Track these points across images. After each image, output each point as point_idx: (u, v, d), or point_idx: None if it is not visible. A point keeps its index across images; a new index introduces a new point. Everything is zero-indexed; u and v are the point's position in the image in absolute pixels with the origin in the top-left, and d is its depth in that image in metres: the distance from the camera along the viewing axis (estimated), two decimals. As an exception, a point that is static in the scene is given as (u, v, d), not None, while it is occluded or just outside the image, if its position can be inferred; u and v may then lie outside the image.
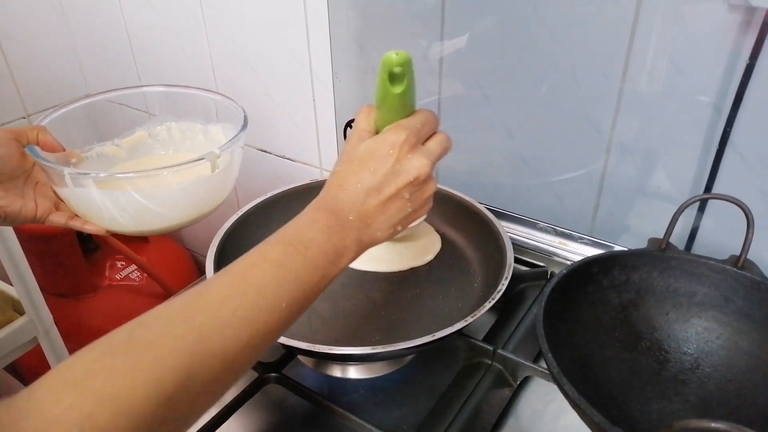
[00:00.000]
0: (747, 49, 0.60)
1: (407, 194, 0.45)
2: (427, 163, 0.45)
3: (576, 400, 0.44)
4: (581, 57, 0.71)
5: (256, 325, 0.37)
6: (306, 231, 0.42)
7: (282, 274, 0.39)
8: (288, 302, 0.39)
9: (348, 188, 0.44)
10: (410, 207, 0.46)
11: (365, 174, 0.44)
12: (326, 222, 0.43)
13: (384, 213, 0.45)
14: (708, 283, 0.58)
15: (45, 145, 0.56)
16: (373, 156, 0.45)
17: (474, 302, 0.66)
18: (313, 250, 0.41)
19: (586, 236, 0.78)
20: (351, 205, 0.44)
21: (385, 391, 0.64)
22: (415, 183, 0.45)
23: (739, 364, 0.55)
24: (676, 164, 0.71)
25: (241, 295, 0.37)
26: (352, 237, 0.44)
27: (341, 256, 0.43)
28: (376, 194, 0.44)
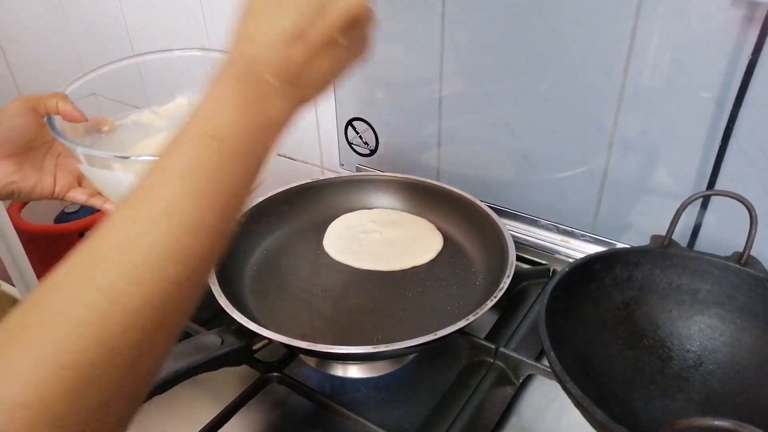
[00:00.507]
0: (749, 44, 0.60)
1: (343, 39, 0.35)
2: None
3: (579, 398, 0.43)
4: (583, 53, 0.70)
5: (180, 256, 0.31)
6: (213, 115, 0.34)
7: (195, 185, 0.32)
8: (215, 213, 0.33)
9: (259, 39, 0.34)
10: (346, 55, 0.36)
11: (280, 15, 0.34)
12: (237, 94, 0.34)
13: (314, 65, 0.35)
14: (711, 280, 0.58)
15: (66, 114, 0.50)
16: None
17: (476, 300, 0.66)
18: (229, 139, 0.33)
19: (589, 234, 0.78)
20: (267, 63, 0.34)
21: (387, 390, 0.64)
22: (351, 21, 0.34)
23: (742, 361, 0.55)
24: (678, 161, 0.70)
25: (148, 229, 0.31)
26: (277, 107, 0.35)
27: (269, 132, 0.35)
28: (299, 43, 0.34)
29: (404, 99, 0.88)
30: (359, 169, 0.96)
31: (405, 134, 0.91)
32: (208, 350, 0.56)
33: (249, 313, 0.64)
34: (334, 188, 0.84)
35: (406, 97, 0.88)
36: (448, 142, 0.87)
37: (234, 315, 0.58)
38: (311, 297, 0.70)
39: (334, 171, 1.02)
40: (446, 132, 0.87)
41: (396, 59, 0.86)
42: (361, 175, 0.86)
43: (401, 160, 0.93)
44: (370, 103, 0.91)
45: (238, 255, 0.72)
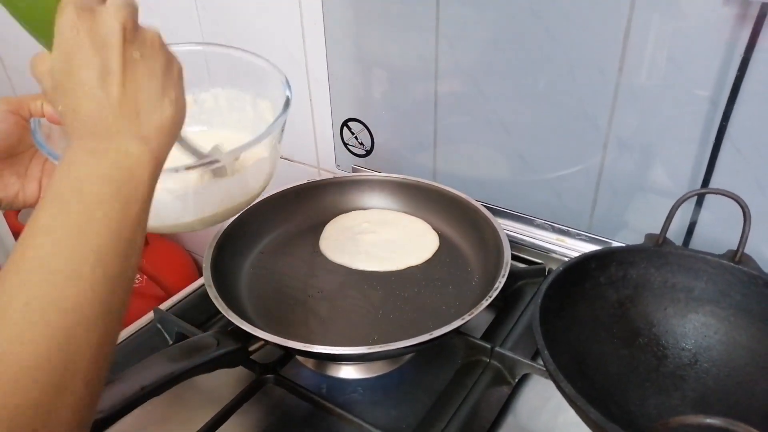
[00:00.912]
0: (742, 42, 0.60)
1: (136, 53, 0.37)
2: (120, 8, 0.37)
3: (572, 396, 0.43)
4: (577, 52, 0.70)
5: (63, 306, 0.30)
6: (69, 172, 0.34)
7: (62, 236, 0.32)
8: (93, 261, 0.32)
9: (80, 100, 0.36)
10: (157, 66, 0.38)
11: (77, 72, 0.36)
12: (86, 148, 0.35)
13: (137, 89, 0.37)
14: (705, 278, 0.58)
15: (51, 117, 0.47)
16: (66, 48, 0.36)
17: (472, 300, 0.66)
18: (87, 186, 0.34)
19: (584, 232, 0.78)
20: (99, 111, 0.36)
21: (383, 391, 0.64)
22: (128, 36, 0.37)
23: (737, 358, 0.55)
24: (673, 159, 0.70)
25: (26, 285, 0.30)
26: (129, 138, 0.36)
27: (132, 166, 0.35)
28: (109, 77, 0.36)
29: (399, 99, 0.88)
30: (355, 169, 0.96)
31: (400, 134, 0.91)
32: (204, 352, 0.56)
33: (245, 314, 0.64)
34: (329, 189, 0.84)
35: (402, 97, 0.88)
36: (443, 142, 0.87)
37: (229, 317, 0.58)
38: (307, 298, 0.70)
39: (330, 172, 1.02)
40: (442, 132, 0.87)
41: (391, 59, 0.86)
42: (356, 176, 0.86)
43: (397, 160, 0.93)
44: (365, 104, 0.91)
45: (234, 256, 0.72)
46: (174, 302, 0.74)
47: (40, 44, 0.39)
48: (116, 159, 0.35)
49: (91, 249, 0.32)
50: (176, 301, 0.74)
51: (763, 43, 0.59)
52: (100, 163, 0.34)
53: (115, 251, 0.33)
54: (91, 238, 0.32)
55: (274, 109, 0.56)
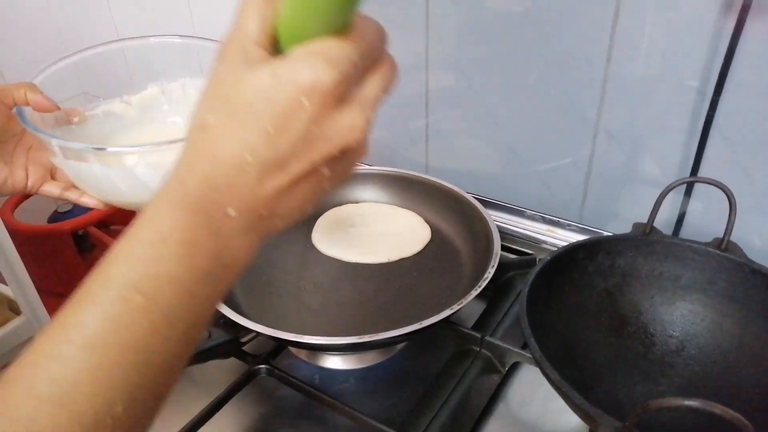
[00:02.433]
0: (728, 31, 0.60)
1: (327, 170, 0.28)
2: (361, 125, 0.27)
3: (557, 382, 0.44)
4: (566, 44, 0.71)
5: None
6: (149, 262, 0.26)
7: (104, 364, 0.25)
8: (128, 402, 0.25)
9: (228, 161, 0.27)
10: (329, 184, 0.30)
11: (258, 137, 0.26)
12: (186, 234, 0.27)
13: (290, 198, 0.28)
14: (692, 266, 0.58)
15: (36, 104, 0.47)
16: (272, 105, 0.26)
17: (462, 291, 0.66)
18: (162, 299, 0.26)
19: (575, 223, 0.78)
20: (233, 193, 0.27)
21: (375, 381, 0.64)
22: (340, 154, 0.28)
23: (723, 345, 0.55)
24: (662, 149, 0.71)
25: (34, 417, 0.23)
26: (236, 245, 0.28)
27: (220, 281, 0.28)
28: (277, 172, 0.27)
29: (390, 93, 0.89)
30: (348, 163, 0.97)
31: (392, 129, 0.91)
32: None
33: (237, 306, 0.64)
34: (322, 183, 0.84)
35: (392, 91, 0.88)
36: (435, 136, 0.88)
37: (222, 309, 0.58)
38: (300, 291, 0.70)
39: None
40: (433, 126, 0.87)
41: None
42: (349, 170, 0.86)
43: (389, 154, 0.93)
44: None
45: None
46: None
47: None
48: (210, 269, 0.28)
49: (129, 389, 0.25)
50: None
51: (748, 33, 0.59)
52: (192, 268, 0.27)
53: (157, 388, 0.27)
54: (138, 370, 0.25)
55: None
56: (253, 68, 0.26)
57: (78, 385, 0.24)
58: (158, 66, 0.59)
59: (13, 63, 1.30)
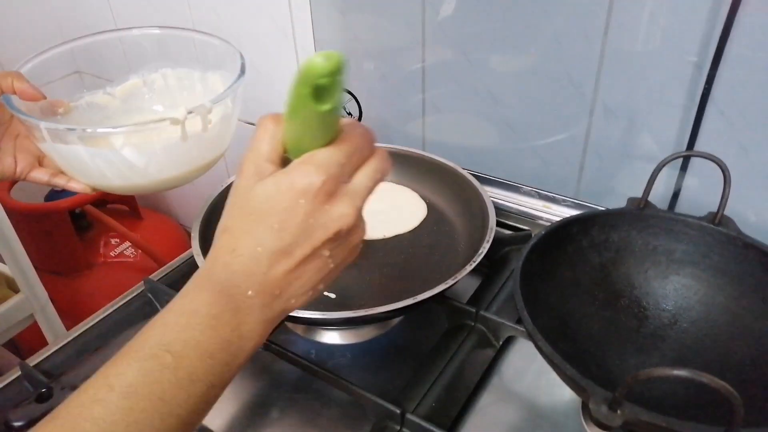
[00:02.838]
0: (726, 4, 0.59)
1: (327, 251, 0.35)
2: (351, 213, 0.34)
3: (549, 354, 0.45)
4: (563, 19, 0.70)
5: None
6: (179, 329, 0.32)
7: (136, 409, 0.29)
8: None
9: (244, 253, 0.33)
10: (332, 263, 0.36)
11: (266, 233, 0.33)
12: (211, 309, 0.33)
13: (298, 278, 0.34)
14: (686, 240, 0.59)
15: (22, 93, 0.49)
16: (276, 207, 0.33)
17: (458, 266, 0.66)
18: (188, 359, 0.31)
19: (571, 199, 0.78)
20: (250, 277, 0.33)
21: (371, 355, 0.65)
22: (336, 238, 0.34)
23: (715, 318, 0.56)
24: (658, 124, 0.71)
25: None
26: (253, 319, 0.34)
27: (239, 350, 0.33)
28: (284, 258, 0.34)
29: (387, 69, 0.88)
30: (344, 140, 0.96)
31: (389, 104, 0.91)
32: (193, 319, 0.57)
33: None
34: (317, 159, 0.84)
35: (389, 67, 0.88)
36: (432, 112, 0.87)
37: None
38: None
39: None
40: (430, 101, 0.87)
41: (378, 29, 0.85)
42: (345, 146, 0.86)
43: (386, 130, 0.93)
44: (352, 74, 0.91)
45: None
46: (164, 272, 0.75)
47: (294, 108, 0.33)
48: (230, 339, 0.33)
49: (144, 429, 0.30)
50: (166, 271, 0.75)
51: (746, 6, 0.59)
52: (214, 336, 0.32)
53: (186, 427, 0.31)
54: (163, 419, 0.30)
55: (223, 80, 0.58)
56: (262, 180, 0.34)
57: (114, 425, 0.29)
58: (139, 57, 0.61)
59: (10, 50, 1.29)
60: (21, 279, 1.04)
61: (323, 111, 0.32)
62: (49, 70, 0.55)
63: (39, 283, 1.07)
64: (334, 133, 0.34)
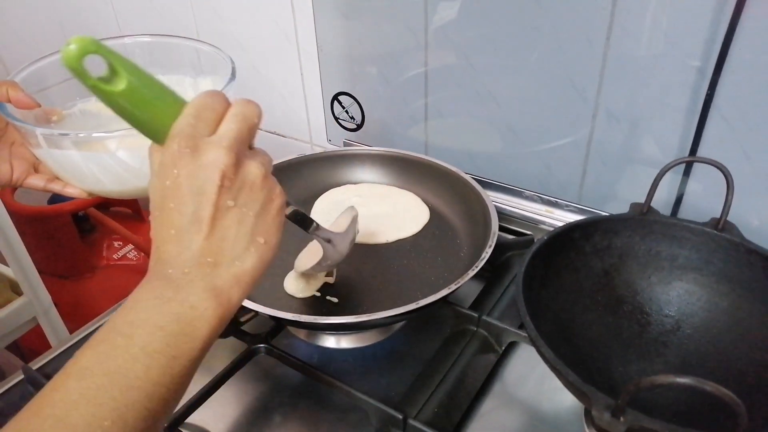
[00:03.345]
0: (729, 9, 0.59)
1: (230, 200, 0.36)
2: (222, 153, 0.35)
3: (552, 360, 0.44)
4: (565, 22, 0.70)
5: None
6: (126, 313, 0.34)
7: (92, 386, 0.31)
8: (115, 417, 0.30)
9: (164, 242, 0.35)
10: (250, 210, 0.37)
11: (170, 215, 0.35)
12: (153, 293, 0.34)
13: (223, 239, 0.35)
14: (689, 246, 0.58)
15: (17, 102, 0.50)
16: (164, 191, 0.35)
17: (460, 271, 0.67)
18: (138, 336, 0.32)
19: (573, 203, 0.78)
20: (177, 258, 0.35)
21: (373, 360, 0.65)
22: (226, 183, 0.35)
23: (718, 324, 0.56)
24: (661, 129, 0.71)
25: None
26: (199, 289, 0.34)
27: (195, 319, 0.34)
28: (195, 227, 0.35)
29: (390, 73, 0.88)
30: (346, 143, 0.97)
31: (392, 109, 0.91)
32: (195, 323, 0.57)
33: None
34: (319, 164, 0.84)
35: (392, 71, 0.88)
36: (435, 116, 0.87)
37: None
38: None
39: (322, 147, 1.02)
40: (433, 106, 0.87)
41: (380, 33, 0.85)
42: (347, 150, 0.86)
43: (388, 134, 0.93)
44: (355, 78, 0.91)
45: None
46: (167, 276, 0.75)
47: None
48: (178, 311, 0.33)
49: (116, 407, 0.31)
50: (169, 276, 0.75)
51: (749, 11, 0.58)
52: (161, 311, 0.33)
53: (144, 409, 0.32)
54: (121, 392, 0.31)
55: (215, 85, 0.58)
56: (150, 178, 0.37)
57: (74, 404, 0.30)
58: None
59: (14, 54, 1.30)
60: (24, 282, 1.04)
61: (123, 89, 0.34)
62: (43, 78, 0.56)
63: (42, 286, 1.08)
64: (172, 109, 0.36)
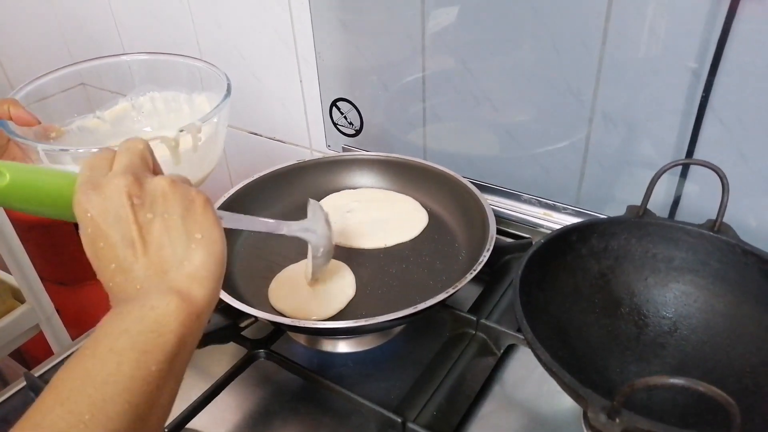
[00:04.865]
0: (723, 11, 0.60)
1: (149, 214, 0.38)
2: (120, 178, 0.37)
3: (548, 363, 0.45)
4: (561, 26, 0.70)
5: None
6: (93, 333, 0.35)
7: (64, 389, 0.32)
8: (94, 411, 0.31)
9: (111, 279, 0.37)
10: (173, 215, 0.38)
11: (102, 252, 0.37)
12: (114, 311, 0.36)
13: (159, 247, 0.37)
14: (685, 247, 0.59)
15: (18, 119, 0.52)
16: (87, 235, 0.37)
17: (458, 275, 0.67)
18: (103, 342, 0.34)
19: (570, 206, 0.79)
20: (127, 282, 0.37)
21: (373, 364, 0.65)
22: (136, 201, 0.37)
23: (715, 325, 0.56)
24: (657, 131, 0.71)
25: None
26: (155, 293, 0.36)
27: (161, 317, 0.35)
28: (129, 249, 0.37)
29: (388, 79, 0.89)
30: (345, 149, 0.97)
31: (390, 114, 0.91)
32: (195, 329, 0.57)
33: (236, 292, 0.65)
34: (318, 169, 0.85)
35: (390, 76, 0.88)
36: (433, 121, 0.88)
37: (220, 294, 0.59)
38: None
39: (321, 152, 1.03)
40: (431, 110, 0.87)
41: (378, 39, 0.86)
42: (345, 155, 0.87)
43: (387, 139, 0.93)
44: (353, 84, 0.91)
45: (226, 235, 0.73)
46: (168, 282, 0.75)
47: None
48: (139, 314, 0.35)
49: (92, 402, 0.31)
50: (170, 282, 0.75)
51: (742, 13, 0.59)
52: (123, 320, 0.35)
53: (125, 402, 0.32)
54: (97, 388, 0.32)
55: (210, 101, 0.60)
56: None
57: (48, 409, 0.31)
58: (128, 81, 0.65)
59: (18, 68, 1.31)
60: (27, 289, 1.05)
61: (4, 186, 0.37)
62: (43, 95, 0.58)
63: (45, 294, 1.08)
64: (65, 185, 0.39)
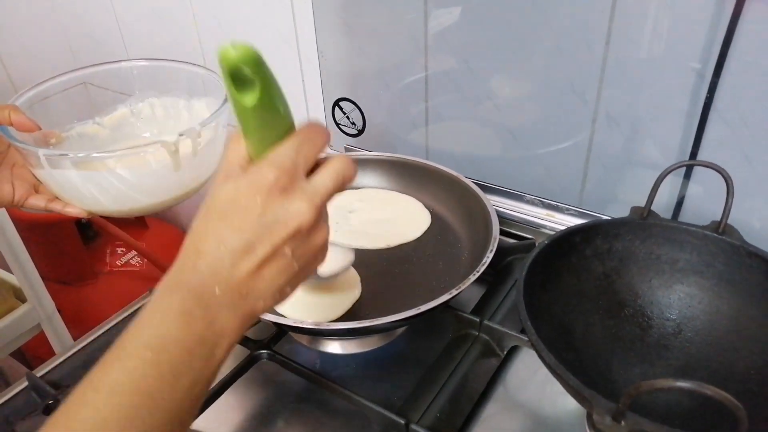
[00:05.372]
0: (727, 13, 0.60)
1: (289, 250, 0.35)
2: (308, 209, 0.35)
3: (552, 365, 0.45)
4: (565, 26, 0.70)
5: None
6: (154, 326, 0.33)
7: (125, 404, 0.30)
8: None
9: (208, 252, 0.34)
10: (297, 265, 0.36)
11: (228, 231, 0.34)
12: (183, 306, 0.33)
13: (262, 278, 0.35)
14: (689, 249, 0.59)
15: (19, 125, 0.52)
16: (235, 206, 0.34)
17: (462, 275, 0.66)
18: (167, 354, 0.32)
19: (573, 207, 0.78)
20: (215, 275, 0.34)
21: (376, 365, 0.65)
22: (296, 235, 0.35)
23: (719, 327, 0.56)
24: (661, 132, 0.71)
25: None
26: (224, 316, 0.34)
27: (215, 346, 0.34)
28: (246, 256, 0.34)
29: (390, 78, 0.88)
30: (348, 149, 0.97)
31: (393, 114, 0.91)
32: (198, 329, 0.57)
33: (238, 293, 0.65)
34: (321, 169, 0.84)
35: (393, 76, 0.88)
36: (435, 121, 0.88)
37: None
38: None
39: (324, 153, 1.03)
40: (433, 110, 0.87)
41: (381, 39, 0.86)
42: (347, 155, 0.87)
43: (390, 139, 0.93)
44: (355, 83, 0.91)
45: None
46: (170, 283, 0.75)
47: (233, 107, 0.35)
48: (204, 334, 0.33)
49: (144, 429, 0.30)
50: (172, 282, 0.75)
51: (747, 14, 0.59)
52: (189, 331, 0.33)
53: (174, 423, 0.32)
54: (151, 413, 0.31)
55: (208, 107, 0.60)
56: (225, 183, 0.35)
57: (104, 422, 0.30)
58: (128, 87, 0.65)
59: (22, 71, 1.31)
60: (28, 289, 1.05)
61: (251, 106, 0.33)
62: (43, 101, 0.58)
63: (46, 293, 1.08)
64: (284, 130, 0.36)
